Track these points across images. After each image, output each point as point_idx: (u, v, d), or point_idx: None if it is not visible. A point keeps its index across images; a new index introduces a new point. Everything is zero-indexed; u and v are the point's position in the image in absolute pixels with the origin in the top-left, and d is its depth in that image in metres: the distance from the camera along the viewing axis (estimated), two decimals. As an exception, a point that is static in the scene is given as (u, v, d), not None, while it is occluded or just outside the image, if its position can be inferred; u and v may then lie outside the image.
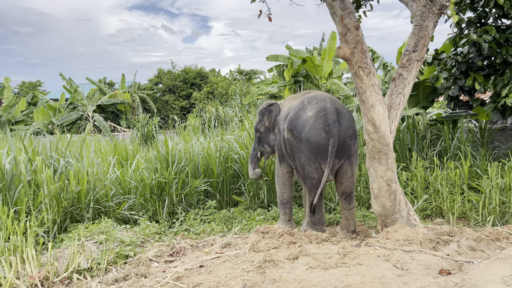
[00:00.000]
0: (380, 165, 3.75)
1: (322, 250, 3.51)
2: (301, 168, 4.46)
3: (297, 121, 4.46)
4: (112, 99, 21.42)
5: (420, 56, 3.81)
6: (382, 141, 3.67)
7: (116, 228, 4.81)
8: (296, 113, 4.53)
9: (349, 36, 3.48)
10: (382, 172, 3.76)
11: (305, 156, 4.38)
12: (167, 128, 19.63)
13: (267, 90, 14.24)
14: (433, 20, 3.77)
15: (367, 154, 3.90)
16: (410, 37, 3.89)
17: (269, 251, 3.58)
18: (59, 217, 4.78)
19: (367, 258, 3.10)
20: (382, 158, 3.72)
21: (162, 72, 26.00)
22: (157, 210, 5.97)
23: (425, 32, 3.77)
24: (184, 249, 3.85)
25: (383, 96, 3.79)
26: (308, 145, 4.33)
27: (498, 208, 5.19)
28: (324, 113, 4.35)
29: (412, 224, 3.87)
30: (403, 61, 3.82)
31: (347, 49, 3.48)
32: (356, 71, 3.54)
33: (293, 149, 4.51)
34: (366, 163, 3.96)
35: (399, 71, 3.86)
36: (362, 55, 3.52)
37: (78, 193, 5.09)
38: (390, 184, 3.78)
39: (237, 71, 24.78)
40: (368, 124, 3.68)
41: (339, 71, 14.11)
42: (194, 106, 21.65)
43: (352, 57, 3.50)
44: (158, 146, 7.01)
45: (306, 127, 4.36)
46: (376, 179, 3.82)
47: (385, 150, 3.72)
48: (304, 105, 4.55)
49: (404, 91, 3.81)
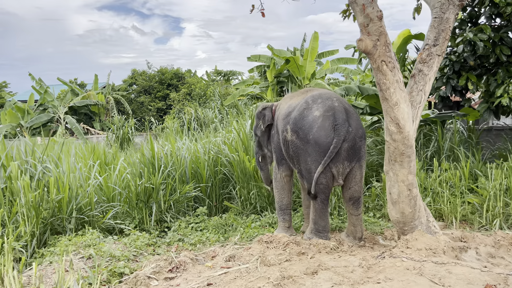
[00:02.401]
0: (401, 169, 3.49)
1: (340, 262, 3.21)
2: (307, 172, 4.16)
3: (303, 121, 4.16)
4: (85, 100, 20.60)
5: (441, 51, 3.58)
6: (406, 142, 3.41)
7: (102, 240, 4.37)
8: (301, 113, 4.23)
9: (372, 27, 3.20)
10: (404, 176, 3.50)
11: (312, 159, 4.09)
12: (144, 130, 19.00)
13: (249, 91, 13.93)
14: (453, 12, 3.54)
15: (387, 157, 3.62)
16: (429, 30, 3.65)
17: (281, 264, 3.26)
18: (38, 229, 4.31)
19: (395, 271, 2.82)
20: (404, 161, 3.46)
21: (137, 73, 25.28)
22: (144, 218, 5.55)
23: (446, 25, 3.54)
24: (184, 263, 3.47)
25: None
26: (316, 147, 4.04)
27: (501, 210, 5.05)
28: (332, 112, 4.07)
29: (432, 232, 3.63)
30: (422, 56, 3.57)
31: (369, 42, 3.20)
32: (379, 65, 3.27)
33: (298, 152, 4.20)
34: (385, 166, 3.69)
35: (419, 67, 3.61)
36: (386, 48, 3.25)
37: (59, 202, 4.62)
38: (411, 188, 3.53)
39: (215, 72, 24.34)
40: (391, 124, 3.40)
41: (322, 72, 13.94)
42: (171, 108, 21.09)
43: (375, 50, 3.23)
44: (142, 149, 6.56)
45: (314, 128, 4.07)
46: (396, 183, 3.56)
47: (409, 152, 3.46)
48: (308, 104, 4.25)
49: (425, 88, 3.57)
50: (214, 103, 16.59)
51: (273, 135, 4.93)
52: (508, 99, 6.25)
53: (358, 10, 3.22)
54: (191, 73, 26.04)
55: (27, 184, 4.26)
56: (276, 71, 13.45)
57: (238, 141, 6.86)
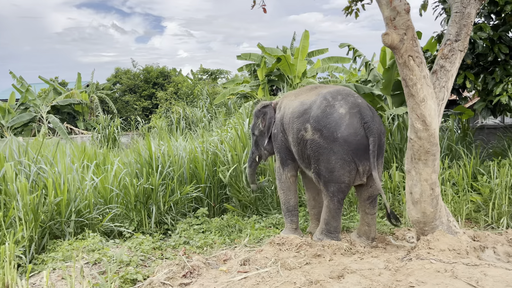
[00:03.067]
0: (425, 167, 3.41)
1: (363, 265, 3.11)
2: (329, 172, 4.02)
3: (327, 119, 4.01)
4: (69, 99, 20.06)
5: (464, 46, 3.52)
6: (432, 140, 3.32)
7: (105, 244, 4.18)
8: (323, 111, 4.07)
9: (399, 21, 3.10)
10: (427, 175, 3.41)
11: (338, 158, 3.95)
12: (130, 129, 18.63)
13: (239, 90, 13.76)
14: (475, 7, 3.48)
15: (409, 155, 3.53)
16: (451, 25, 3.58)
17: (302, 268, 3.14)
18: (36, 233, 4.08)
19: (425, 274, 2.73)
20: (429, 159, 3.38)
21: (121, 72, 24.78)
22: (143, 220, 5.36)
23: (468, 20, 3.48)
24: (198, 267, 3.32)
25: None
26: (345, 145, 3.91)
27: (507, 208, 5.04)
28: (358, 109, 3.98)
29: (453, 232, 3.56)
30: (444, 52, 3.50)
31: (396, 36, 3.10)
32: (406, 60, 3.17)
33: (319, 151, 4.05)
34: (407, 165, 3.60)
35: (441, 62, 3.53)
36: (413, 42, 3.16)
37: (58, 205, 4.40)
38: (434, 188, 3.45)
39: (201, 70, 24.03)
40: (417, 121, 3.31)
41: (314, 71, 13.87)
42: (157, 107, 20.74)
43: (401, 44, 3.13)
44: (139, 149, 6.36)
45: (342, 125, 3.93)
46: (418, 182, 3.47)
47: (434, 150, 3.38)
48: (329, 101, 4.11)
49: (447, 84, 3.50)
50: (202, 102, 16.37)
51: (276, 134, 4.78)
52: (507, 97, 6.27)
53: (384, 3, 3.12)
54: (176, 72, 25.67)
55: (25, 186, 4.03)
56: (267, 70, 13.32)
57: (237, 140, 6.72)
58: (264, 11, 5.80)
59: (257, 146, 5.20)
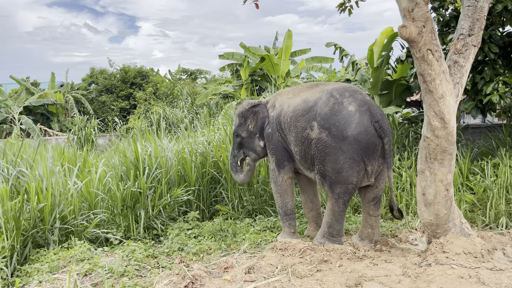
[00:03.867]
0: (441, 167, 3.27)
1: (379, 271, 2.94)
2: (336, 172, 3.84)
3: (336, 117, 3.82)
4: (42, 100, 19.33)
5: (477, 41, 3.40)
6: (450, 138, 3.19)
7: (94, 253, 3.89)
8: (331, 108, 3.88)
9: (417, 12, 2.95)
10: (443, 175, 3.28)
11: (347, 157, 3.78)
12: (107, 130, 18.08)
13: (222, 90, 13.51)
14: (487, 1, 3.38)
15: (423, 155, 3.39)
16: (463, 20, 3.46)
17: (314, 275, 2.95)
18: (18, 242, 3.75)
19: (449, 280, 2.59)
20: (445, 158, 3.24)
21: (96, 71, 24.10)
22: (130, 226, 5.07)
23: (480, 14, 3.37)
24: (200, 277, 3.08)
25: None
26: (356, 144, 3.75)
27: (503, 208, 5.00)
28: (367, 106, 3.83)
29: (466, 234, 3.44)
30: (457, 47, 3.37)
31: (414, 28, 2.94)
32: (424, 54, 3.02)
33: (326, 150, 3.86)
34: (421, 165, 3.46)
35: (454, 58, 3.40)
36: (432, 35, 3.01)
37: (41, 211, 4.07)
38: (449, 188, 3.32)
39: (179, 70, 23.60)
40: (434, 119, 3.17)
41: (298, 71, 13.75)
42: (135, 107, 20.24)
43: (420, 37, 2.98)
44: (125, 150, 6.05)
45: (352, 124, 3.76)
46: (433, 183, 3.33)
47: (451, 149, 3.25)
48: (336, 98, 3.93)
49: (461, 80, 3.37)
50: (182, 102, 16.04)
51: (270, 134, 4.55)
52: (498, 96, 6.27)
53: (402, -6, 2.97)
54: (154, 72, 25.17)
55: (6, 192, 3.70)
56: (250, 70, 13.12)
57: (226, 140, 6.51)
58: (257, 6, 5.60)
59: (242, 149, 4.91)
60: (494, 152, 6.83)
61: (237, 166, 5.00)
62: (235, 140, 4.94)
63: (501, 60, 6.87)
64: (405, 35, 3.00)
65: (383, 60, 8.23)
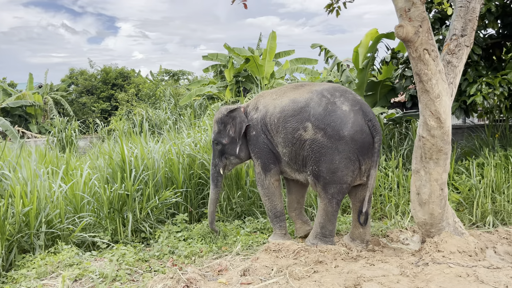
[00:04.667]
0: (436, 167, 3.30)
1: (376, 271, 2.94)
2: (330, 173, 3.84)
3: (331, 117, 3.82)
4: (20, 101, 18.85)
5: (470, 42, 3.45)
6: (446, 138, 3.22)
7: (82, 257, 3.78)
8: (325, 108, 3.87)
9: (414, 12, 2.97)
10: (438, 175, 3.31)
11: (343, 157, 3.79)
12: (88, 132, 17.76)
13: (206, 91, 13.42)
14: (479, 2, 3.43)
15: (418, 154, 3.41)
16: (455, 20, 3.50)
17: (311, 277, 2.93)
18: (3, 248, 3.62)
19: (447, 279, 2.60)
20: (441, 158, 3.27)
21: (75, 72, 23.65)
22: (117, 229, 4.96)
23: (473, 14, 3.42)
24: (195, 280, 3.03)
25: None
26: (352, 144, 3.77)
27: (490, 207, 5.08)
28: (359, 106, 3.86)
29: (459, 233, 3.48)
30: (450, 47, 3.41)
31: (411, 28, 2.95)
32: (421, 54, 3.04)
33: (321, 151, 3.84)
34: (415, 164, 3.48)
35: (447, 58, 3.44)
36: (428, 35, 3.03)
37: (26, 215, 3.94)
38: (444, 188, 3.35)
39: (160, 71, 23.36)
40: (430, 119, 3.19)
41: (282, 72, 13.77)
42: (116, 108, 19.93)
43: (416, 37, 2.99)
44: (110, 152, 5.93)
45: (348, 123, 3.78)
46: (428, 183, 3.36)
47: (446, 148, 3.27)
48: (328, 98, 3.93)
49: (455, 81, 3.41)
50: (165, 103, 15.86)
51: (255, 137, 4.44)
52: (481, 97, 6.39)
53: (399, -6, 2.98)
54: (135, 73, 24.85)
55: (-10, 196, 3.57)
56: (235, 71, 13.08)
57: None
58: (245, 6, 5.57)
59: (223, 156, 4.76)
60: (477, 152, 6.96)
61: (218, 177, 4.82)
62: (215, 148, 4.77)
63: (484, 62, 7.02)
64: (401, 34, 3.02)
65: (368, 62, 8.31)
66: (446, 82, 3.23)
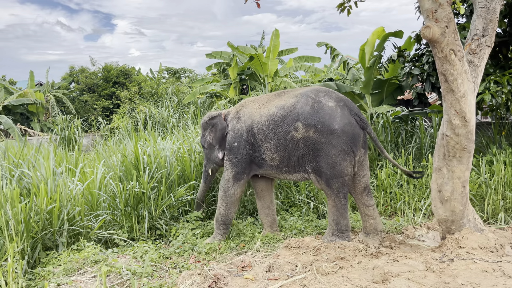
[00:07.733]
0: (460, 165, 3.37)
1: (401, 267, 3.01)
2: (330, 167, 3.98)
3: (319, 114, 4.00)
4: (22, 99, 18.80)
5: (491, 42, 3.52)
6: (470, 136, 3.29)
7: (105, 254, 3.85)
8: (312, 107, 4.05)
9: (441, 13, 3.04)
10: (461, 173, 3.38)
11: (338, 150, 3.96)
12: (91, 130, 17.77)
13: (210, 89, 13.45)
14: (499, 2, 3.50)
15: (441, 153, 3.48)
16: (476, 21, 3.56)
17: (337, 272, 3.00)
18: (28, 245, 3.68)
19: (473, 274, 2.68)
20: (464, 156, 3.34)
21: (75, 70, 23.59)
22: (133, 226, 5.03)
23: (493, 15, 3.49)
24: (222, 277, 3.09)
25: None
26: (344, 136, 3.94)
27: (501, 204, 5.16)
28: (343, 102, 4.09)
29: (479, 229, 3.56)
30: (472, 47, 3.48)
31: (437, 29, 3.02)
32: (447, 54, 3.11)
33: (317, 147, 4.00)
34: (438, 162, 3.54)
35: (469, 58, 3.51)
36: (455, 35, 3.10)
37: (49, 213, 3.99)
38: (466, 185, 3.43)
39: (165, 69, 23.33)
40: (455, 118, 3.26)
41: (286, 70, 13.81)
42: (118, 106, 19.93)
43: (443, 38, 3.06)
44: (124, 151, 5.98)
45: (337, 118, 3.97)
46: (450, 180, 3.43)
47: (470, 147, 3.35)
48: (314, 98, 4.12)
49: (476, 80, 3.48)
50: (168, 101, 15.89)
51: (236, 148, 4.48)
52: (490, 95, 6.47)
53: (425, -4, 3.04)
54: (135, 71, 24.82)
55: (16, 193, 3.62)
56: (239, 69, 13.11)
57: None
58: (258, 6, 5.62)
59: (209, 159, 5.00)
60: (484, 149, 7.04)
61: (208, 176, 5.09)
62: (203, 151, 5.09)
63: (490, 60, 7.10)
64: (428, 35, 3.08)
65: (375, 60, 8.37)
66: (471, 81, 3.30)
